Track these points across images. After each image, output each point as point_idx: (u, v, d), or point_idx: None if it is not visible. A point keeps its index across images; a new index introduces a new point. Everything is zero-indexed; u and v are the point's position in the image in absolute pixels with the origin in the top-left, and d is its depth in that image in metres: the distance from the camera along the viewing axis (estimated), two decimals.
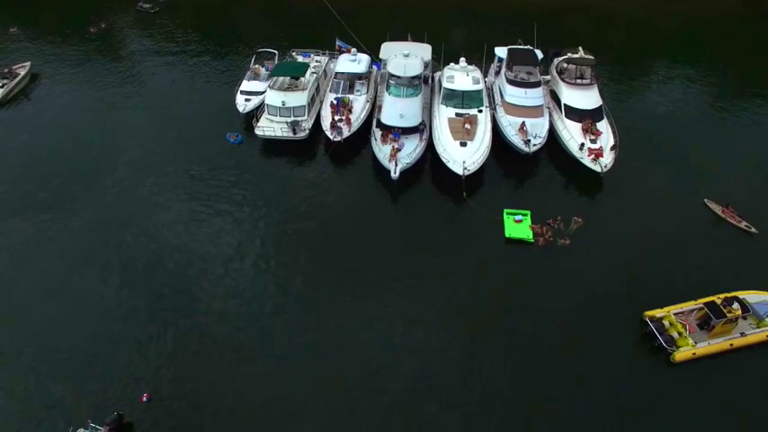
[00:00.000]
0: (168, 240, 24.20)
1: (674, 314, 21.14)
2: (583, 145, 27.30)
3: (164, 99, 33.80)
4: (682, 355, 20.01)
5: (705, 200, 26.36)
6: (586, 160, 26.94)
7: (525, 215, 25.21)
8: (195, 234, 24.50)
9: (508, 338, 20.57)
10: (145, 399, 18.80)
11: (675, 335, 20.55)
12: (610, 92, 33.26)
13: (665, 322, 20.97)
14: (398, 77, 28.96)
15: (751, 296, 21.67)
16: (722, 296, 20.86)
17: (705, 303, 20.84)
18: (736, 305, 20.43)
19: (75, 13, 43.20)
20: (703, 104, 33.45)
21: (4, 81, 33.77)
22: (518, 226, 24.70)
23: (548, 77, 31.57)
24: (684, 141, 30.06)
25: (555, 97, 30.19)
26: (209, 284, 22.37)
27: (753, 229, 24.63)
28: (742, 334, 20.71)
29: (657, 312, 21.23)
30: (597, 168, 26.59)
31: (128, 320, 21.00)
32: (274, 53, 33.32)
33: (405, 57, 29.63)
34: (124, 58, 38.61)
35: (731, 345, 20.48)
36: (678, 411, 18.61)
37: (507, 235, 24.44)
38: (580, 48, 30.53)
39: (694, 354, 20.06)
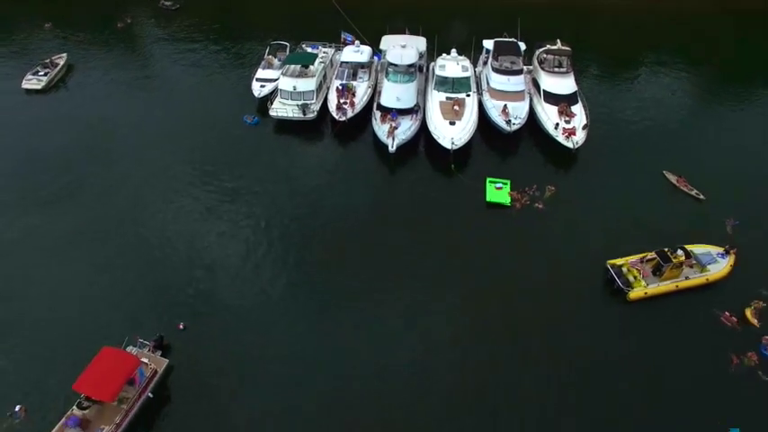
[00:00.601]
0: (197, 196, 28.28)
1: (631, 263, 24.91)
2: (557, 125, 31.12)
3: (186, 87, 37.74)
4: (635, 294, 23.82)
5: (663, 171, 30.17)
6: (561, 138, 30.75)
7: (505, 183, 29.05)
8: (221, 197, 28.50)
9: (487, 284, 24.40)
10: (181, 326, 22.72)
11: (631, 278, 24.30)
12: (587, 78, 37.03)
13: (624, 269, 24.72)
14: (396, 66, 32.87)
15: (697, 248, 25.38)
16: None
17: (657, 252, 24.59)
18: (680, 252, 24.19)
19: (104, 10, 47.08)
20: (667, 92, 37.14)
21: (47, 70, 37.84)
22: (498, 192, 28.56)
23: (530, 67, 35.36)
24: (648, 122, 33.97)
25: (536, 84, 33.98)
26: (234, 233, 26.38)
27: (701, 196, 28.47)
28: (687, 278, 24.48)
29: (618, 261, 25.00)
30: (570, 145, 30.41)
31: (167, 264, 25.01)
32: (286, 45, 37.27)
33: (402, 48, 33.51)
34: (149, 51, 42.53)
35: (677, 286, 24.26)
36: (630, 339, 22.46)
37: (488, 200, 28.31)
38: (558, 40, 34.29)
39: (646, 293, 23.88)
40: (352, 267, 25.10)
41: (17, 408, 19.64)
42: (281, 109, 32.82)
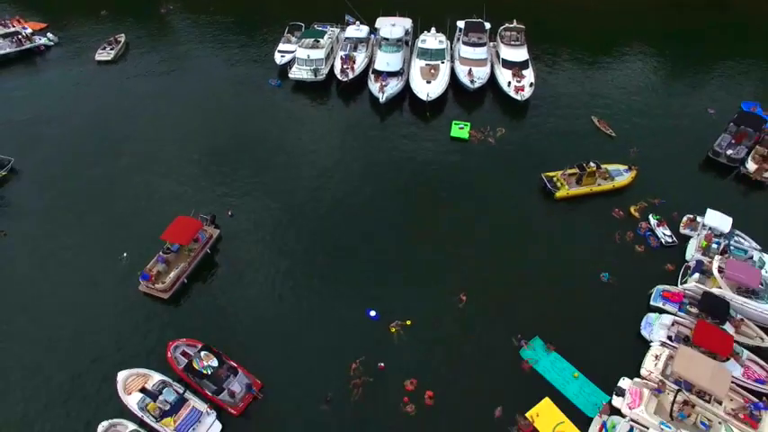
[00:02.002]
0: (243, 125, 38.13)
1: (561, 174, 34.01)
2: (510, 83, 40.42)
3: (221, 59, 47.24)
4: (560, 194, 33.00)
5: (592, 116, 39.39)
6: (512, 93, 40.02)
7: (466, 125, 38.40)
8: (258, 130, 38.33)
9: (448, 192, 33.72)
10: (229, 213, 32.37)
11: (559, 185, 33.34)
12: (540, 47, 45.69)
13: (554, 178, 33.76)
14: (387, 39, 42.33)
15: (610, 166, 34.23)
16: None
17: (576, 165, 33.69)
18: (592, 164, 33.32)
19: None
20: (603, 59, 46.03)
21: (112, 46, 47.90)
22: (460, 130, 37.94)
23: (493, 43, 44.63)
24: (585, 82, 43.12)
25: (497, 54, 43.23)
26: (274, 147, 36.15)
27: (613, 134, 37.67)
28: (599, 184, 33.55)
29: (550, 173, 33.96)
30: (518, 98, 39.68)
31: (226, 167, 34.77)
32: (301, 25, 46.86)
33: (392, 26, 42.98)
34: (188, 31, 51.96)
35: (591, 189, 33.36)
36: (554, 221, 31.75)
37: (452, 135, 37.73)
38: (515, 20, 43.58)
39: (568, 194, 33.06)
40: (352, 166, 34.74)
41: (124, 254, 29.48)
42: (298, 72, 42.50)
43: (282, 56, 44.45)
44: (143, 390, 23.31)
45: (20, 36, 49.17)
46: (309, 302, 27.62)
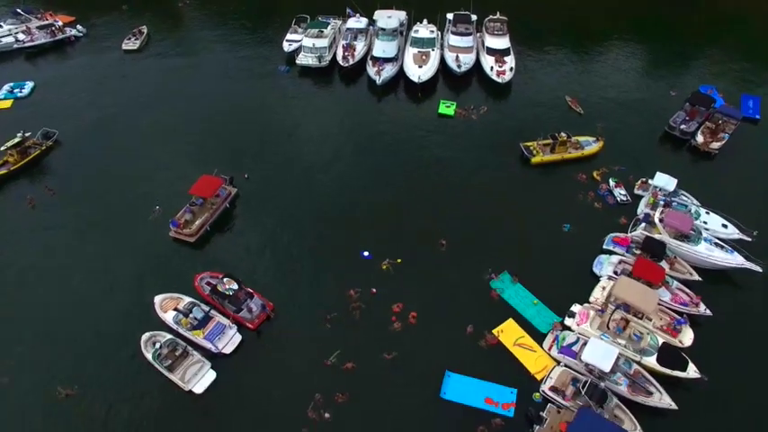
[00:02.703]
0: (255, 105, 43.28)
1: (536, 143, 38.94)
2: (492, 68, 45.43)
3: (235, 47, 52.35)
4: (536, 160, 37.95)
5: (566, 96, 44.35)
6: (494, 76, 45.02)
7: (453, 103, 43.43)
8: (271, 107, 43.49)
9: (434, 159, 38.80)
10: (246, 176, 37.46)
11: (534, 152, 38.33)
12: (521, 36, 50.49)
13: (530, 146, 38.72)
14: (384, 29, 47.39)
15: (581, 138, 39.14)
16: None
17: (550, 135, 38.68)
18: (563, 134, 38.30)
19: None
20: (578, 48, 50.77)
21: (137, 37, 53.22)
22: (447, 108, 42.97)
23: (479, 33, 49.61)
24: (560, 67, 48.06)
25: (482, 42, 48.19)
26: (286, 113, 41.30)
27: (582, 111, 42.63)
28: (570, 152, 38.51)
29: (527, 143, 38.88)
30: (499, 80, 44.66)
31: (243, 135, 39.91)
32: (307, 17, 52.01)
33: (388, 18, 48.08)
34: (204, 22, 57.31)
35: (562, 157, 38.31)
36: (529, 184, 36.72)
37: (439, 112, 42.76)
38: (498, 12, 48.61)
39: (542, 160, 37.99)
40: (352, 139, 39.80)
41: (157, 207, 34.67)
42: (304, 59, 47.60)
43: (290, 44, 49.59)
44: (176, 309, 28.43)
45: (54, 28, 54.57)
46: (314, 246, 32.67)
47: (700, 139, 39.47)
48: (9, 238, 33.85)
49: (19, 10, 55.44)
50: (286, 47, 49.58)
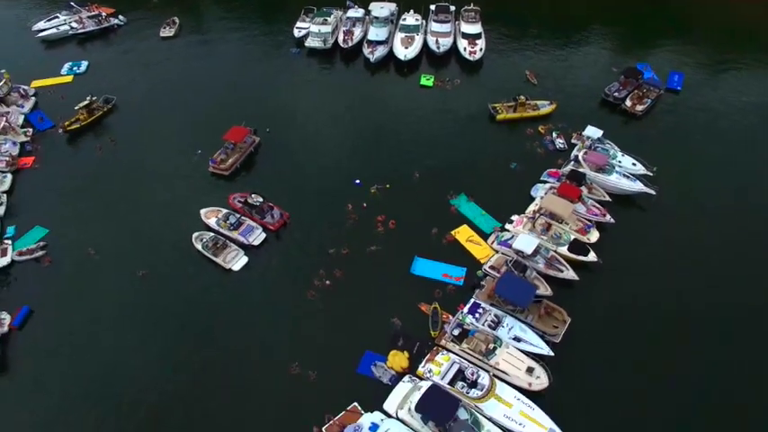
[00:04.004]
0: (272, 80, 53.45)
1: (502, 104, 48.88)
2: (465, 48, 55.52)
3: (253, 34, 62.54)
4: (500, 117, 47.77)
5: (526, 70, 54.34)
6: (467, 55, 55.10)
7: (432, 77, 53.52)
8: (287, 77, 53.67)
9: (415, 118, 48.85)
10: (267, 130, 47.53)
11: (499, 111, 48.33)
12: (494, 23, 60.49)
13: (497, 107, 48.67)
14: (377, 18, 57.58)
15: (539, 102, 49.12)
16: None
17: (513, 98, 48.66)
18: (522, 97, 48.19)
19: None
20: (542, 33, 60.71)
21: (172, 26, 63.56)
22: (426, 80, 53.02)
23: (457, 21, 59.68)
24: (525, 48, 57.94)
25: (459, 28, 58.26)
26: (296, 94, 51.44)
27: (536, 82, 52.65)
28: (528, 112, 48.34)
29: (495, 104, 48.91)
30: (471, 59, 54.76)
31: (261, 102, 50.06)
32: (314, 8, 62.19)
33: (381, 8, 58.28)
34: (225, 14, 67.28)
35: (522, 115, 48.04)
36: (492, 136, 46.72)
37: (420, 83, 52.83)
38: (472, 3, 58.74)
39: (506, 117, 47.78)
40: (350, 104, 49.99)
41: (199, 151, 44.83)
42: (312, 42, 57.74)
43: (299, 31, 59.83)
44: (216, 217, 38.59)
45: (100, 18, 64.98)
46: (319, 177, 42.75)
47: (628, 103, 49.30)
48: (89, 172, 44.13)
49: (72, 3, 65.79)
50: (296, 33, 59.83)
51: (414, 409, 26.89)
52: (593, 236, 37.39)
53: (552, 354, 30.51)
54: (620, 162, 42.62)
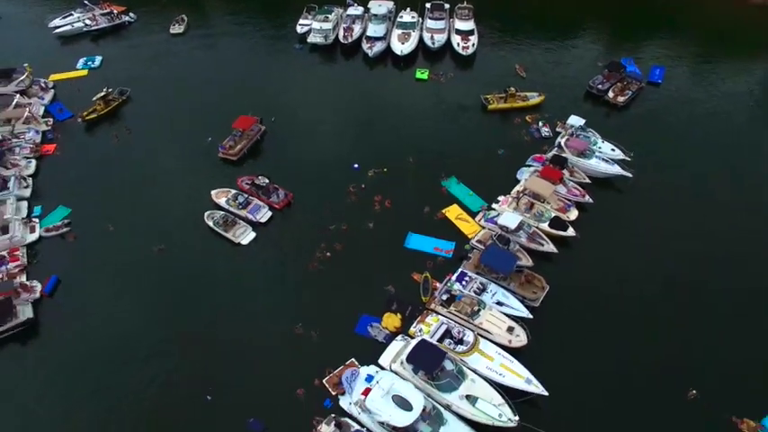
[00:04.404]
0: (276, 74, 56.81)
1: (493, 95, 52.24)
2: (458, 44, 58.86)
3: (257, 31, 65.88)
4: (491, 107, 51.07)
5: (516, 64, 57.67)
6: (460, 50, 58.45)
7: (427, 70, 56.87)
8: (292, 71, 57.05)
9: (411, 108, 52.21)
10: (273, 119, 50.89)
11: (491, 101, 51.67)
12: (486, 20, 63.83)
13: (489, 97, 51.99)
14: (376, 15, 60.99)
15: (528, 93, 52.45)
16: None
17: (504, 90, 52.06)
18: (512, 88, 51.57)
19: None
20: (532, 29, 63.99)
21: (181, 23, 66.85)
22: (421, 74, 56.37)
23: (451, 18, 63.02)
24: (515, 43, 61.27)
25: (453, 25, 61.57)
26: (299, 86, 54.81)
27: (524, 75, 55.99)
28: (518, 102, 51.66)
29: (486, 95, 52.34)
30: (464, 53, 58.10)
31: (263, 100, 53.43)
32: (315, 6, 65.52)
33: (379, 6, 61.66)
34: (231, 12, 70.54)
35: (512, 105, 51.41)
36: (484, 123, 50.11)
37: (416, 77, 56.21)
38: (465, 1, 62.11)
39: (496, 107, 51.11)
40: (350, 96, 53.35)
41: (209, 138, 48.18)
42: (314, 38, 61.07)
43: (302, 27, 63.17)
44: (226, 197, 41.96)
45: (112, 15, 68.38)
46: (320, 161, 46.09)
47: (611, 95, 52.57)
48: (106, 158, 47.55)
49: (86, 1, 69.17)
50: (299, 29, 63.18)
51: (405, 361, 30.19)
52: (573, 214, 40.74)
53: (531, 316, 33.77)
54: (600, 148, 45.88)
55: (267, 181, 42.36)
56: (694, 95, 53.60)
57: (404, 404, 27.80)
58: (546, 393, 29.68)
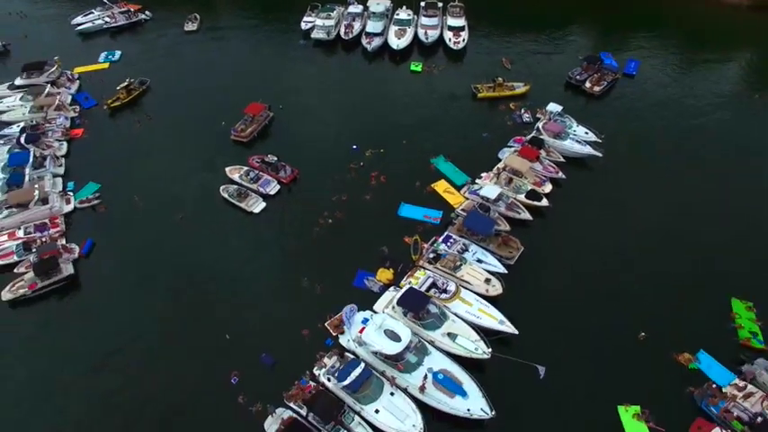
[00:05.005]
0: (282, 66, 62.11)
1: (482, 84, 57.42)
2: (450, 39, 64.10)
3: (265, 27, 71.26)
4: (481, 95, 55.99)
5: (502, 58, 62.86)
6: (451, 44, 63.69)
7: (420, 63, 62.07)
8: (300, 62, 62.35)
9: (407, 97, 57.50)
10: (280, 107, 56.14)
11: (481, 90, 56.69)
12: (477, 17, 69.02)
13: (479, 86, 57.18)
14: (374, 13, 66.28)
15: (515, 83, 57.69)
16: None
17: (492, 79, 57.33)
18: (500, 78, 56.82)
19: None
20: (518, 25, 69.24)
21: (194, 21, 72.20)
22: (416, 66, 61.61)
23: (444, 17, 68.24)
24: (502, 38, 66.50)
25: (445, 22, 66.78)
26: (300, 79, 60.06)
27: (509, 67, 61.17)
28: (505, 91, 56.84)
29: (477, 84, 57.49)
30: (455, 48, 63.33)
31: (261, 86, 58.71)
32: (319, 4, 70.81)
33: (377, 4, 66.95)
34: (240, 11, 76.00)
35: (500, 94, 56.53)
36: (474, 109, 55.34)
37: (411, 69, 61.35)
38: (456, 0, 67.38)
39: (485, 95, 56.42)
40: (350, 86, 58.64)
41: (222, 123, 53.41)
42: (317, 34, 66.28)
43: (306, 24, 68.47)
44: (239, 173, 47.22)
45: (130, 13, 73.77)
46: (323, 142, 51.37)
47: (588, 85, 57.73)
48: (130, 141, 52.90)
49: (105, 0, 74.63)
50: (303, 26, 68.49)
51: (396, 305, 35.35)
52: (547, 188, 45.86)
53: (507, 271, 38.90)
54: (574, 131, 51.00)
55: (276, 159, 47.58)
56: (664, 86, 58.75)
57: (394, 336, 32.91)
58: (516, 332, 34.71)
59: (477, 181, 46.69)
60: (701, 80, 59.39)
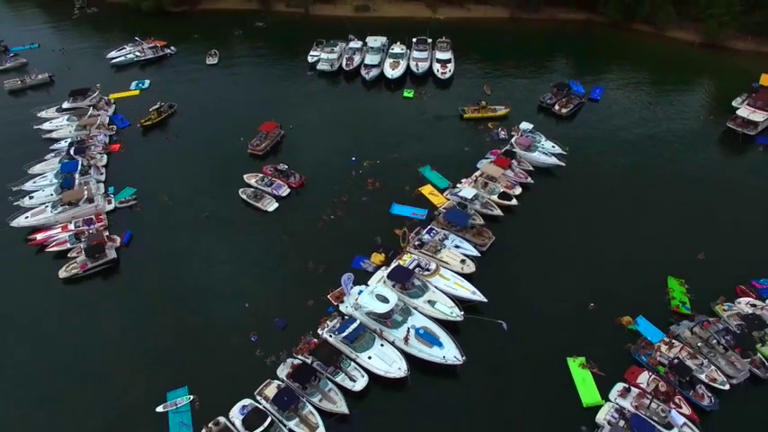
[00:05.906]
0: (291, 94, 71.36)
1: (468, 107, 66.33)
2: (438, 70, 73.53)
3: (275, 61, 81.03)
4: (467, 116, 65.33)
5: (484, 85, 72.04)
6: (439, 75, 73.09)
7: (412, 90, 71.25)
8: (308, 91, 71.61)
9: (398, 119, 66.43)
10: (291, 126, 64.99)
11: (467, 111, 65.72)
12: (462, 51, 78.72)
13: (465, 108, 66.01)
14: (372, 47, 76.05)
15: (496, 106, 66.73)
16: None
17: (476, 103, 66.16)
18: (483, 102, 65.71)
19: (225, 28, 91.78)
20: (499, 58, 78.88)
21: (214, 56, 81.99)
22: (408, 93, 70.73)
23: (433, 51, 77.95)
24: (484, 69, 75.89)
25: (434, 55, 76.42)
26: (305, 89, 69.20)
27: (489, 93, 70.26)
28: (488, 113, 65.83)
29: (463, 107, 66.40)
30: (443, 77, 72.70)
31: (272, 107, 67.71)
32: (323, 40, 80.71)
33: (375, 40, 76.82)
34: (255, 45, 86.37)
35: (483, 115, 65.62)
36: (458, 129, 64.08)
37: (404, 96, 70.55)
38: (444, 36, 77.22)
39: (470, 116, 65.62)
40: (350, 109, 67.67)
41: (241, 138, 62.12)
42: (322, 65, 75.90)
43: (312, 57, 78.24)
44: (255, 179, 55.59)
45: (157, 48, 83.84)
46: (323, 153, 59.87)
47: (557, 108, 66.66)
48: (160, 154, 61.57)
49: (136, 37, 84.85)
50: (310, 59, 78.28)
51: (386, 278, 42.96)
52: (517, 190, 53.99)
53: (480, 255, 46.61)
54: (542, 145, 59.51)
55: (286, 167, 56.02)
56: (625, 109, 67.72)
57: (383, 299, 40.41)
58: (486, 300, 42.15)
59: (457, 186, 54.84)
60: (658, 104, 68.34)
